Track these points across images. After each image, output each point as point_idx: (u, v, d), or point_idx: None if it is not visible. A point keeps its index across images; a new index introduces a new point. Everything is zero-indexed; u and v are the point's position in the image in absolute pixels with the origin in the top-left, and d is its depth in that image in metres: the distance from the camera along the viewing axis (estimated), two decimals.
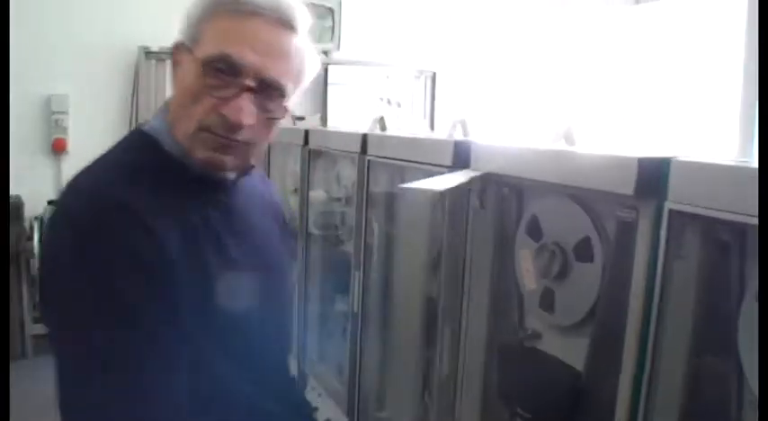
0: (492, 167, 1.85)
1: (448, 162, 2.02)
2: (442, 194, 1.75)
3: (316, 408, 3.38)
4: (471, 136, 2.31)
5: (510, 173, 1.79)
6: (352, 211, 2.88)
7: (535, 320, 1.82)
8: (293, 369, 3.45)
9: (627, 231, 1.47)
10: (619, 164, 1.41)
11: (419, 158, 2.24)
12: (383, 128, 2.83)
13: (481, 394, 2.03)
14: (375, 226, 2.73)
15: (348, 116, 5.99)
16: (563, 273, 1.64)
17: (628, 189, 1.37)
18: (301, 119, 5.24)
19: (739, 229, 1.27)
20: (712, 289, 1.33)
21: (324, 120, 5.16)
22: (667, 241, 1.31)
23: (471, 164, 1.93)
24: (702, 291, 1.33)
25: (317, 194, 3.48)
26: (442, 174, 2.16)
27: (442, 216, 2.00)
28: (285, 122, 1.59)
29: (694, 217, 1.29)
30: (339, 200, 3.28)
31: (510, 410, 1.86)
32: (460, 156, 1.98)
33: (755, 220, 1.13)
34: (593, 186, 1.48)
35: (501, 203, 1.91)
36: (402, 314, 2.74)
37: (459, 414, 2.05)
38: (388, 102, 7.40)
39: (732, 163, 1.24)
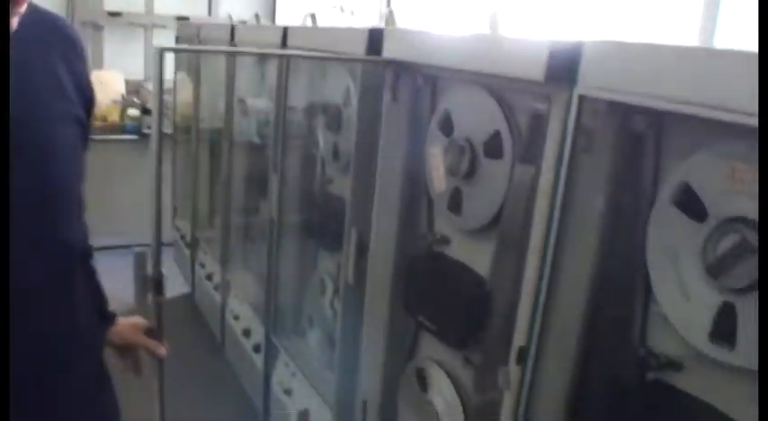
0: (405, 55, 1.67)
1: (361, 51, 1.83)
2: None
3: (236, 317, 3.28)
4: (397, 26, 2.12)
5: (423, 60, 1.61)
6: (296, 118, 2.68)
7: (444, 224, 1.69)
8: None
9: (538, 125, 1.33)
10: (530, 48, 1.24)
11: (337, 48, 2.03)
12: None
13: (389, 304, 1.93)
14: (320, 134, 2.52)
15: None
16: (472, 172, 1.49)
17: (538, 75, 1.20)
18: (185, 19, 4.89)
19: (656, 120, 1.13)
20: (623, 188, 1.20)
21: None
22: (576, 132, 1.17)
23: (384, 52, 1.74)
24: (612, 190, 1.21)
25: (256, 102, 3.25)
26: (356, 64, 1.98)
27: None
28: None
29: (607, 105, 1.15)
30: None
31: (415, 320, 1.76)
32: (374, 45, 1.79)
33: (674, 107, 0.99)
34: (503, 72, 1.32)
35: (415, 97, 1.74)
36: (315, 216, 2.61)
37: (367, 323, 1.95)
38: (341, 9, 7.05)
39: (652, 44, 1.09)
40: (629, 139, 1.17)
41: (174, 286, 4.06)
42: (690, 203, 1.06)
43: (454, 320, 1.58)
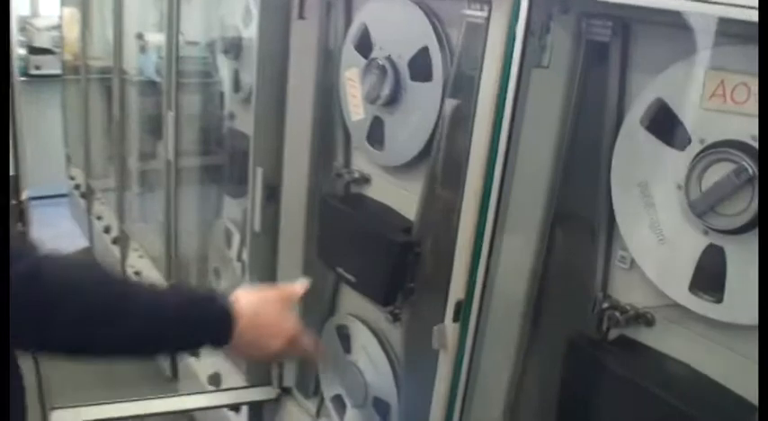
0: None
1: None
2: None
3: (137, 272, 2.98)
4: None
5: None
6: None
7: (363, 160, 1.45)
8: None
9: (475, 37, 1.09)
10: None
11: None
12: None
13: (303, 254, 1.69)
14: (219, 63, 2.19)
15: None
16: (395, 97, 1.25)
17: None
18: None
19: (622, 25, 0.92)
20: (583, 110, 1.00)
21: None
22: (524, 43, 0.94)
23: None
24: (570, 113, 1.00)
25: (155, 37, 2.84)
26: None
27: None
28: None
29: (562, 6, 0.93)
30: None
31: (333, 271, 1.53)
32: None
33: (645, 1, 0.78)
34: None
35: (325, 12, 1.47)
36: (217, 157, 2.32)
37: (279, 277, 1.72)
38: None
39: None
40: (590, 50, 0.96)
41: (72, 240, 3.71)
42: (666, 126, 0.86)
43: (377, 272, 1.37)
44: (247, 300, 1.02)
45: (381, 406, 1.49)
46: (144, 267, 2.88)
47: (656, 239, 0.88)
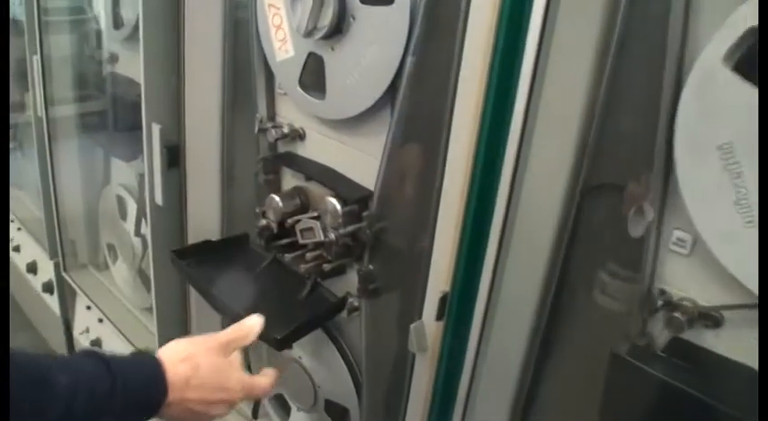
0: None
1: None
2: None
3: (16, 248, 2.54)
4: None
5: None
6: None
7: (293, 111, 1.12)
8: None
9: None
10: None
11: None
12: None
13: (220, 228, 1.37)
14: None
15: None
16: (339, 28, 0.93)
17: None
18: None
19: None
20: (631, 38, 0.71)
21: None
22: None
23: None
24: (612, 42, 0.71)
25: None
26: None
27: None
28: None
29: None
30: None
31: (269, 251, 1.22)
32: None
33: None
34: None
35: None
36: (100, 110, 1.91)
37: None
38: None
39: None
40: None
41: None
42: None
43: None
44: (174, 360, 0.74)
45: (336, 410, 1.23)
46: (24, 242, 2.44)
47: (743, 220, 0.63)
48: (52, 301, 2.21)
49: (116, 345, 1.82)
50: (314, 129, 1.09)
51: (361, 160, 1.01)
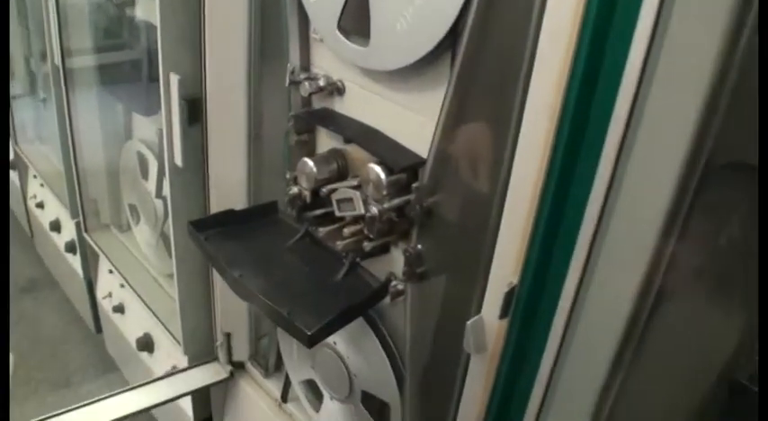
0: None
1: None
2: None
3: (39, 204, 2.44)
4: None
5: None
6: None
7: (331, 60, 0.95)
8: None
9: None
10: None
11: None
12: None
13: (247, 196, 1.21)
14: None
15: None
16: None
17: None
18: None
19: None
20: None
21: None
22: None
23: None
24: None
25: None
26: None
27: None
28: None
29: None
30: None
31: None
32: None
33: None
34: None
35: None
36: (119, 59, 1.76)
37: None
38: None
39: None
40: None
41: None
42: None
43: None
44: None
45: (374, 404, 1.08)
46: (47, 199, 2.34)
47: None
48: (75, 262, 2.11)
49: (138, 314, 1.71)
50: (355, 83, 0.92)
51: (412, 121, 0.83)
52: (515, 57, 0.65)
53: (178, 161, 1.20)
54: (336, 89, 0.95)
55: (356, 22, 0.84)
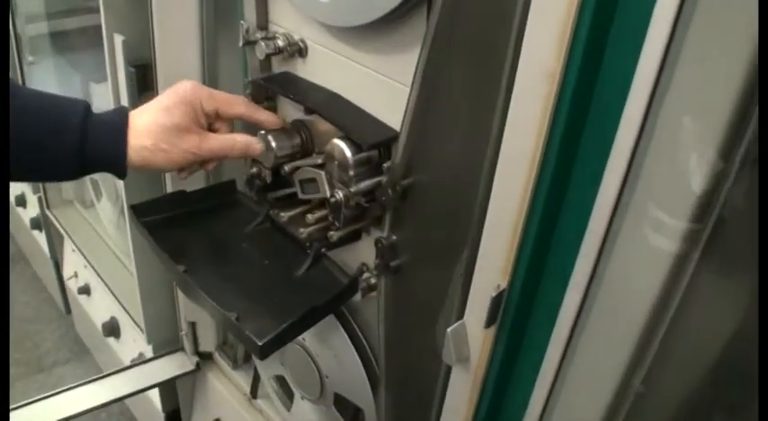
0: None
1: None
2: None
3: None
4: None
5: None
6: None
7: (290, 17, 0.81)
8: None
9: None
10: None
11: None
12: None
13: None
14: None
15: None
16: None
17: None
18: None
19: None
20: None
21: None
22: None
23: None
24: None
25: None
26: None
27: None
28: None
29: None
30: None
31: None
32: None
33: None
34: None
35: None
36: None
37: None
38: None
39: None
40: None
41: None
42: None
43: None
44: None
45: (347, 407, 0.97)
46: None
47: None
48: (41, 239, 1.98)
49: (103, 296, 1.58)
50: (319, 42, 0.78)
51: (384, 87, 0.70)
52: (506, 7, 0.51)
53: None
54: (298, 50, 0.81)
55: None
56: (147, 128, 0.69)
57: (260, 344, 0.65)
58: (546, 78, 0.50)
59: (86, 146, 0.66)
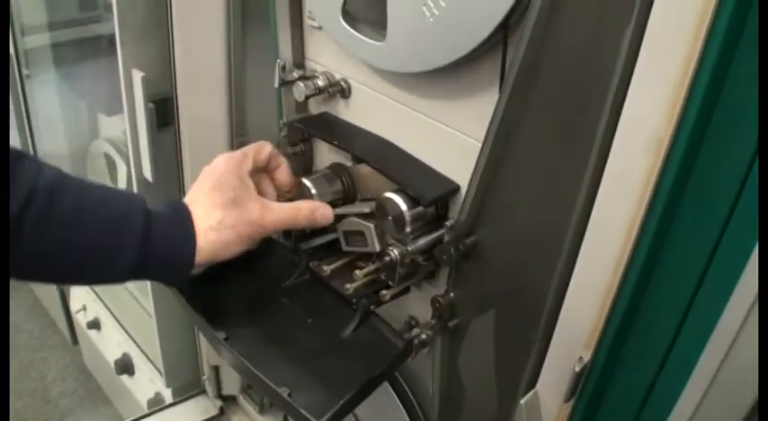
0: None
1: None
2: None
3: None
4: None
5: None
6: None
7: (332, 55, 0.75)
8: None
9: None
10: None
11: None
12: None
13: None
14: None
15: None
16: None
17: None
18: None
19: None
20: None
21: None
22: None
23: None
24: None
25: None
26: None
27: None
28: None
29: None
30: None
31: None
32: None
33: None
34: None
35: None
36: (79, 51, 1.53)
37: None
38: None
39: None
40: None
41: None
42: None
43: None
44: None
45: None
46: None
47: None
48: None
49: (115, 332, 1.52)
50: (363, 83, 0.72)
51: (442, 135, 0.64)
52: (601, 61, 0.46)
53: (147, 174, 1.00)
54: (340, 91, 0.75)
55: (368, 6, 0.64)
56: (206, 211, 0.63)
57: None
58: (652, 144, 0.45)
59: (148, 245, 0.59)
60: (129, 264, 0.58)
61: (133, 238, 0.58)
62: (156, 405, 1.29)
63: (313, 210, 0.69)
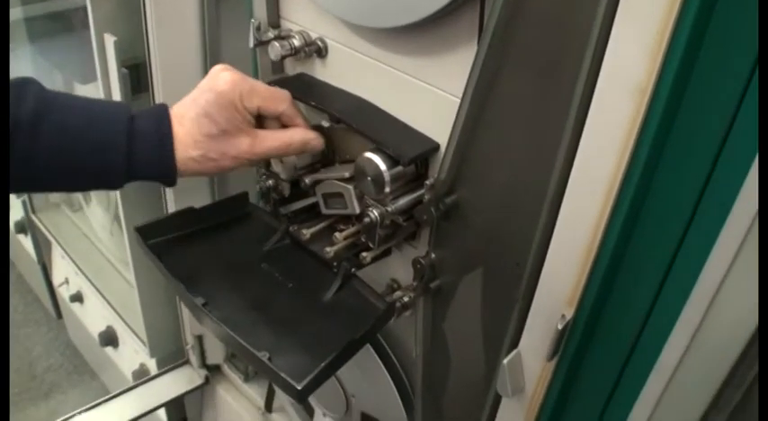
0: None
1: None
2: None
3: None
4: None
5: None
6: None
7: (306, 13, 0.73)
8: None
9: None
10: None
11: None
12: None
13: (210, 188, 1.00)
14: None
15: None
16: None
17: None
18: None
19: None
20: None
21: None
22: None
23: None
24: None
25: None
26: None
27: None
28: None
29: None
30: None
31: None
32: None
33: None
34: None
35: None
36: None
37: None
38: None
39: None
40: None
41: None
42: None
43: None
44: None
45: None
46: None
47: None
48: (27, 243, 1.89)
49: (98, 304, 1.50)
50: (340, 41, 0.70)
51: (421, 93, 0.63)
52: (583, 8, 0.44)
53: None
54: (316, 50, 0.73)
55: None
56: (192, 139, 0.62)
57: (299, 387, 0.58)
58: (634, 94, 0.44)
59: (133, 166, 0.61)
60: (114, 177, 0.61)
61: (117, 158, 0.60)
62: (142, 376, 1.28)
63: (305, 143, 0.68)
